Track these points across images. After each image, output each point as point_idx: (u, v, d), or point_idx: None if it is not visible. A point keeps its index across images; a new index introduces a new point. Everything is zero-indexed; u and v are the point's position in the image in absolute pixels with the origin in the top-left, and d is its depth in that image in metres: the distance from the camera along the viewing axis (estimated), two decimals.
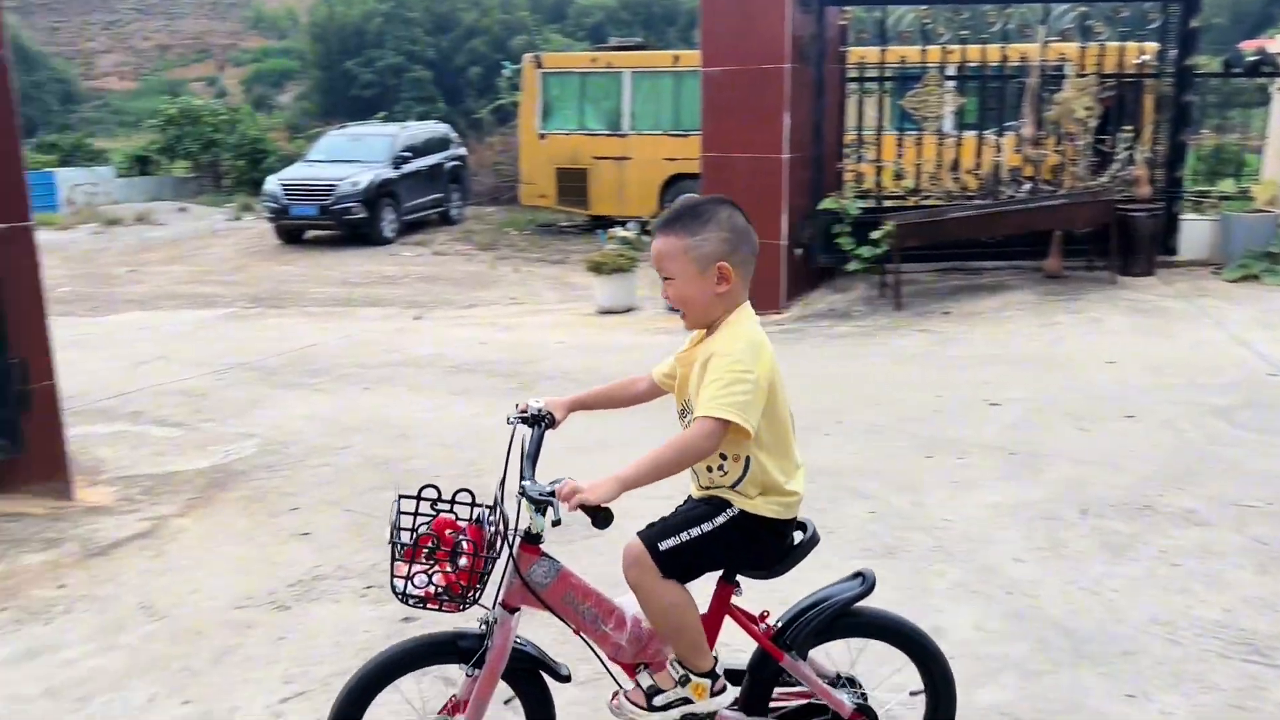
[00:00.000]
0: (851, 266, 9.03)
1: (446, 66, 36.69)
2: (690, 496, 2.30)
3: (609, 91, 15.42)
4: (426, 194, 17.30)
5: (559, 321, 9.58)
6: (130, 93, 46.71)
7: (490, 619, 2.17)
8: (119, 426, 6.04)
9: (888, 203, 9.49)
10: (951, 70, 9.45)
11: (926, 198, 9.46)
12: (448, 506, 2.19)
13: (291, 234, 16.06)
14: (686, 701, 2.21)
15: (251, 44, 50.31)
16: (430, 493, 2.18)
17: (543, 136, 15.79)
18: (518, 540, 2.13)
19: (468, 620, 2.22)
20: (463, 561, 2.08)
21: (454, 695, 2.26)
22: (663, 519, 2.22)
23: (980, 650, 3.15)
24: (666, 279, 2.19)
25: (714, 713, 2.25)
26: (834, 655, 2.43)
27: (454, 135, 19.27)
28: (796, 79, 8.60)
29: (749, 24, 8.54)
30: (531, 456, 2.21)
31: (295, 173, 16.46)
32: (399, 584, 2.09)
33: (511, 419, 2.32)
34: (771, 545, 2.23)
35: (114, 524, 4.39)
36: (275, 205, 15.76)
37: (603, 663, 2.27)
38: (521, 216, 17.62)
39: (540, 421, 2.31)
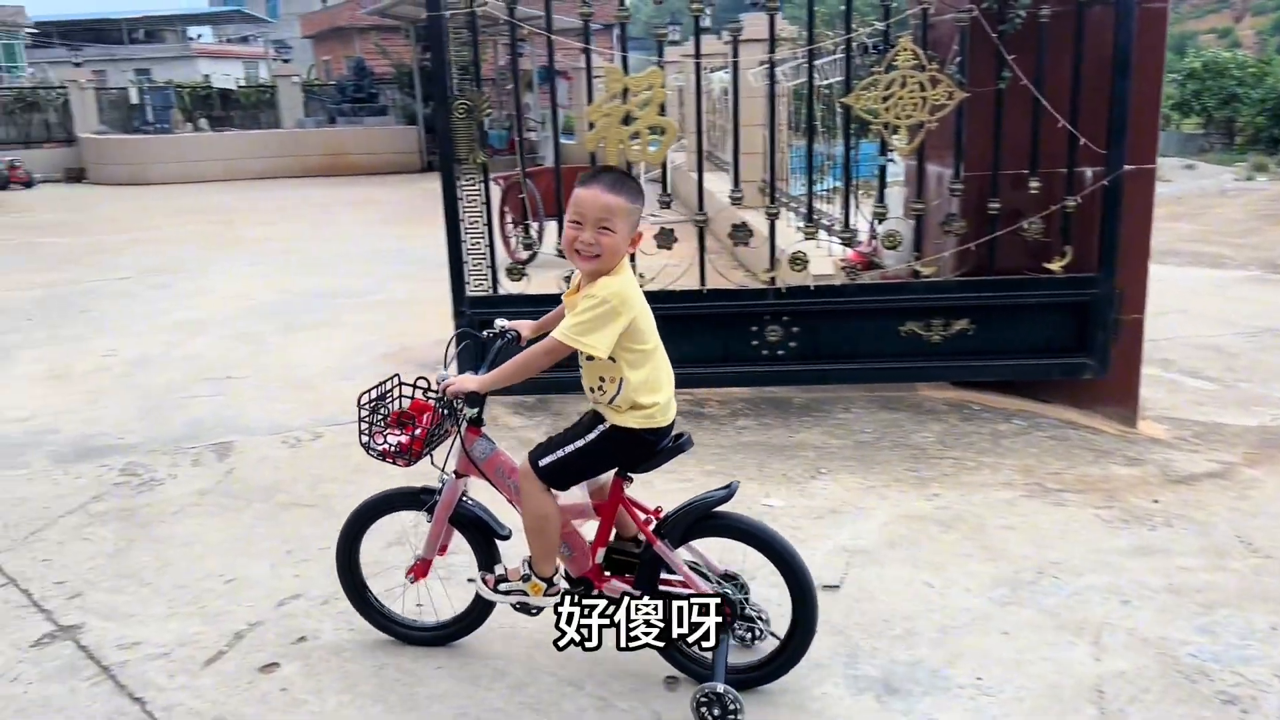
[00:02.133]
0: None
1: None
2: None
3: None
4: None
5: None
6: None
7: (442, 479, 2.85)
8: (1152, 370, 6.23)
9: None
10: None
11: None
12: (437, 395, 2.75)
13: None
14: (523, 594, 2.78)
15: None
16: (422, 383, 2.82)
17: None
18: (464, 423, 2.74)
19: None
20: (417, 432, 2.75)
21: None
22: (549, 437, 2.71)
23: None
24: (603, 229, 2.46)
25: (542, 608, 2.77)
26: None
27: None
28: None
29: None
30: (490, 362, 2.77)
31: None
32: (364, 439, 2.76)
33: (485, 334, 2.93)
34: (639, 452, 2.62)
35: (1184, 458, 4.58)
36: None
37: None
38: None
39: (504, 335, 2.88)
